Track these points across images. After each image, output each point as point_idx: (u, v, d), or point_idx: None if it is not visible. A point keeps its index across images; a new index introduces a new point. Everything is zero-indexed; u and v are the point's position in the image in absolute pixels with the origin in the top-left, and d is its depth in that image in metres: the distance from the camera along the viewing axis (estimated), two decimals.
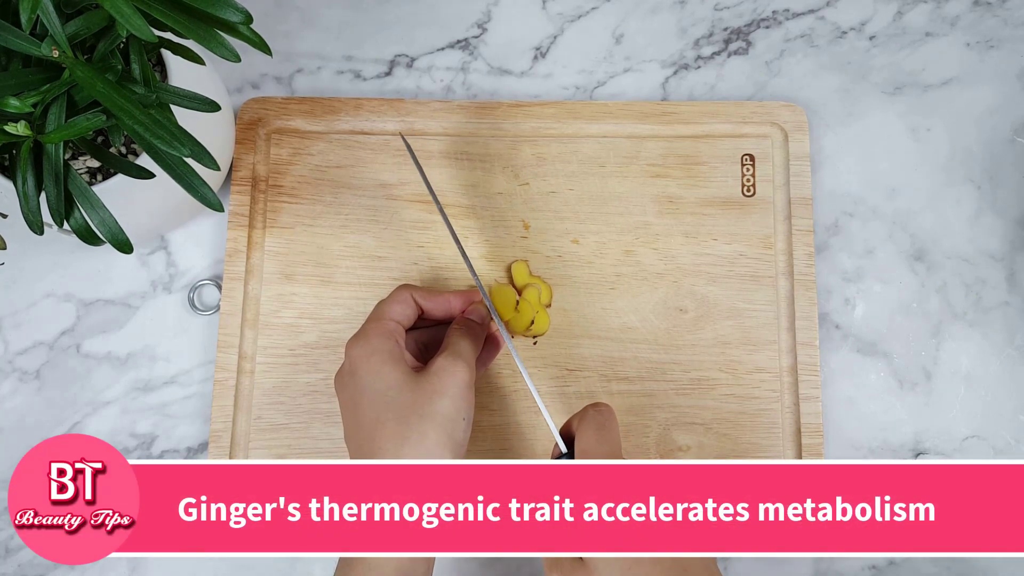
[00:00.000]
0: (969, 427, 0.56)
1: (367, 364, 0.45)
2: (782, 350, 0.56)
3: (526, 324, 0.55)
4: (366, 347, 0.46)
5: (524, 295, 0.55)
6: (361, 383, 0.45)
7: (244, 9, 0.38)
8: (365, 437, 0.44)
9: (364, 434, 0.44)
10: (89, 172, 0.48)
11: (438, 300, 0.50)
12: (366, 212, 0.58)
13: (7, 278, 0.57)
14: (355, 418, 0.45)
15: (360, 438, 0.45)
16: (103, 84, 0.38)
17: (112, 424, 0.56)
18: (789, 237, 0.57)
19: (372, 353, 0.46)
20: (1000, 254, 0.58)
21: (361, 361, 0.46)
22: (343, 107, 0.59)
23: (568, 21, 0.62)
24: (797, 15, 0.62)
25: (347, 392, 0.46)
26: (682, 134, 0.59)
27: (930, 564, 0.55)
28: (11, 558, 0.54)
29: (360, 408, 0.45)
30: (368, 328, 0.47)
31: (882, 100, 0.61)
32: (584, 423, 0.44)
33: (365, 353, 0.46)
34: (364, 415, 0.45)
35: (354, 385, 0.46)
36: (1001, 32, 0.62)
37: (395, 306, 0.48)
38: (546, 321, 0.56)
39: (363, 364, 0.45)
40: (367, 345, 0.46)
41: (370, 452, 0.44)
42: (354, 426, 0.46)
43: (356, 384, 0.46)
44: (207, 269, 0.58)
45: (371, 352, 0.46)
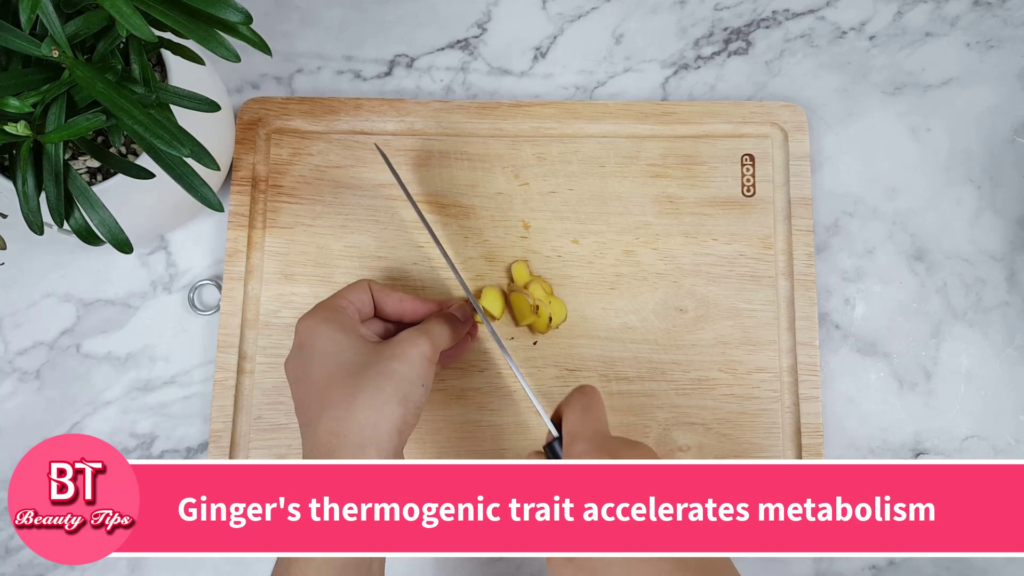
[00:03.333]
0: (969, 427, 0.56)
1: (317, 332, 0.45)
2: (782, 350, 0.56)
3: (545, 321, 0.55)
4: (315, 318, 0.46)
5: (530, 291, 0.55)
6: (311, 351, 0.45)
7: (244, 9, 0.38)
8: (314, 397, 0.43)
9: (313, 395, 0.44)
10: (89, 172, 0.48)
11: (392, 297, 0.50)
12: (366, 212, 0.58)
13: (7, 278, 0.57)
14: (304, 385, 0.44)
15: (309, 400, 0.44)
16: (103, 84, 0.38)
17: (112, 424, 0.56)
18: (789, 237, 0.57)
19: (322, 322, 0.45)
20: (1000, 254, 0.58)
21: (310, 331, 0.45)
22: (343, 107, 0.59)
23: (568, 21, 0.62)
24: (797, 15, 0.62)
25: (296, 365, 0.45)
26: (682, 134, 0.59)
27: (930, 564, 0.55)
28: (11, 558, 0.54)
29: (310, 374, 0.44)
30: (316, 308, 0.47)
31: (882, 100, 0.61)
32: (570, 406, 0.44)
33: (314, 323, 0.46)
34: (314, 378, 0.44)
35: (303, 356, 0.45)
36: (1001, 32, 0.62)
37: (351, 291, 0.48)
38: (562, 308, 0.56)
39: (312, 333, 0.45)
40: (316, 317, 0.46)
41: (319, 409, 0.43)
42: (303, 392, 0.45)
43: (305, 354, 0.45)
44: (207, 269, 0.58)
45: (320, 321, 0.45)
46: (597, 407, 0.44)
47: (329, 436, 0.42)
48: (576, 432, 0.43)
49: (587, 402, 0.44)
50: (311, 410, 0.44)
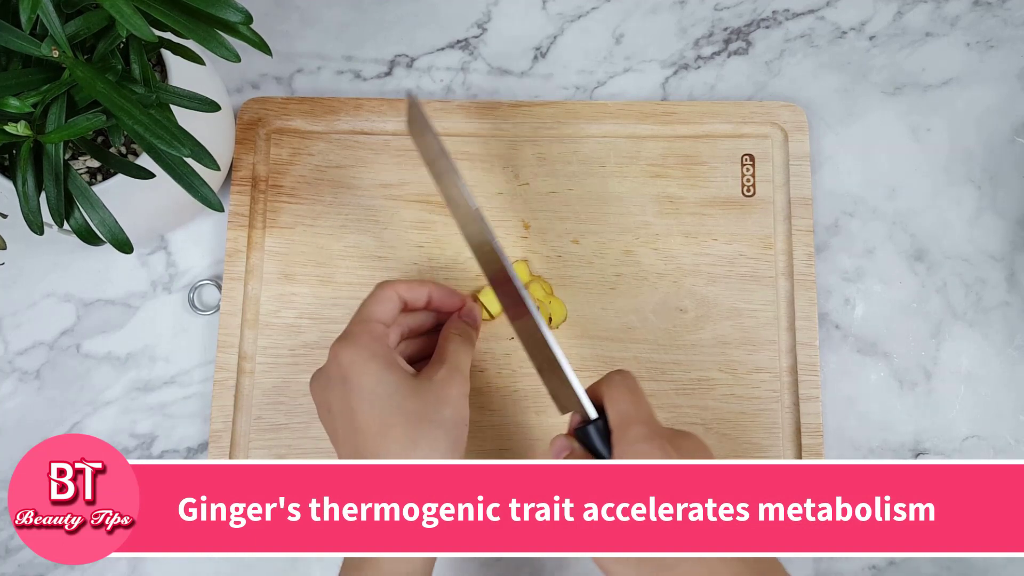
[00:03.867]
0: (969, 427, 0.56)
1: (364, 369, 0.45)
2: (782, 350, 0.56)
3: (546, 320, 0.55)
4: (360, 352, 0.45)
5: (529, 291, 0.55)
6: (358, 388, 0.44)
7: (244, 9, 0.38)
8: (368, 442, 0.44)
9: (366, 439, 0.44)
10: (89, 172, 0.48)
11: (419, 293, 0.50)
12: (366, 212, 0.58)
13: (7, 278, 0.57)
14: (351, 423, 0.45)
15: (360, 443, 0.44)
16: (103, 84, 0.38)
17: (112, 424, 0.56)
18: (789, 237, 0.57)
19: (369, 359, 0.45)
20: (1000, 254, 0.58)
21: (356, 366, 0.45)
22: (343, 107, 0.59)
23: (568, 21, 0.62)
24: (797, 15, 0.62)
25: (336, 396, 0.45)
26: (682, 134, 0.59)
27: (930, 564, 0.55)
28: (11, 558, 0.54)
29: (358, 413, 0.44)
30: (356, 331, 0.46)
31: (882, 100, 0.61)
32: (613, 387, 0.43)
33: (360, 358, 0.45)
34: (365, 420, 0.44)
35: (347, 390, 0.45)
36: (1001, 32, 0.62)
37: (379, 306, 0.48)
38: (562, 308, 0.56)
39: (358, 369, 0.45)
40: (361, 350, 0.45)
41: (373, 452, 0.43)
42: (349, 431, 0.45)
43: (350, 389, 0.45)
44: (207, 269, 0.58)
45: (367, 357, 0.45)
46: (641, 390, 0.44)
47: None
48: (630, 414, 0.42)
49: (632, 385, 0.44)
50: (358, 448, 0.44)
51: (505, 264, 0.46)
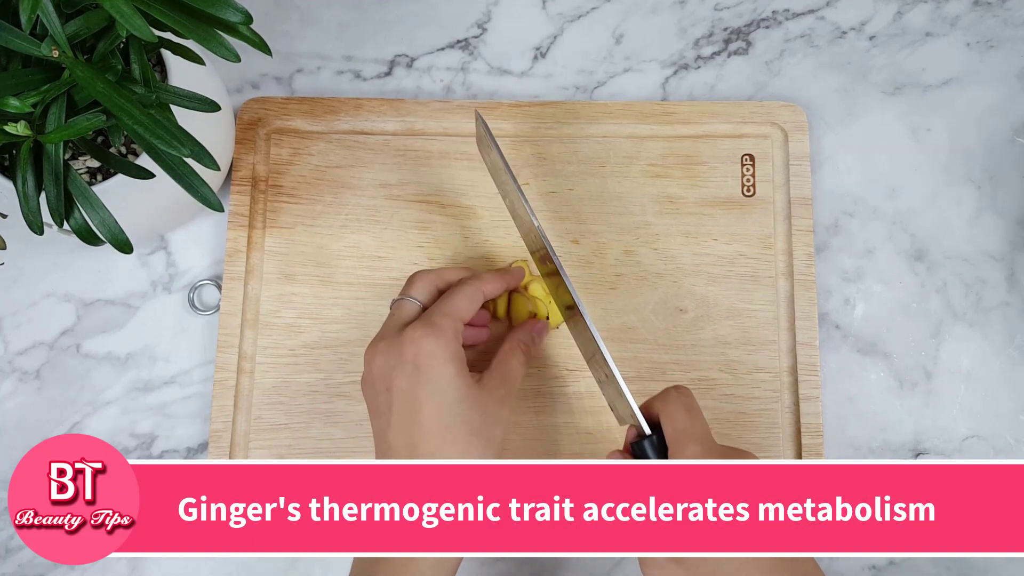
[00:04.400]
0: (969, 427, 0.56)
1: (442, 367, 0.44)
2: (782, 350, 0.56)
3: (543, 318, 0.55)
4: (443, 348, 0.45)
5: (530, 292, 0.55)
6: (429, 383, 0.44)
7: (244, 9, 0.38)
8: (426, 439, 0.44)
9: (425, 436, 0.44)
10: (89, 172, 0.48)
11: (499, 287, 0.50)
12: (366, 212, 0.58)
13: (7, 278, 0.57)
14: (413, 413, 0.44)
15: (418, 437, 0.44)
16: (103, 84, 0.38)
17: (112, 424, 0.56)
18: (789, 237, 0.57)
19: (448, 359, 0.45)
20: (1000, 254, 0.58)
21: (435, 361, 0.44)
22: (343, 107, 0.59)
23: (568, 21, 0.62)
24: (797, 15, 0.62)
25: (405, 380, 0.45)
26: (682, 134, 0.59)
27: (930, 564, 0.55)
28: (11, 558, 0.54)
29: (425, 408, 0.44)
30: (443, 325, 0.45)
31: (882, 100, 0.61)
32: (670, 404, 0.44)
33: (441, 355, 0.45)
34: (429, 418, 0.44)
35: (419, 380, 0.44)
36: (1001, 32, 0.62)
37: (467, 304, 0.47)
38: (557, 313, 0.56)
39: (437, 365, 0.44)
40: (444, 347, 0.45)
41: (428, 453, 0.44)
42: (409, 420, 0.44)
43: (423, 381, 0.44)
44: (207, 269, 0.58)
45: (447, 357, 0.45)
46: (698, 409, 0.44)
47: None
48: (687, 432, 0.42)
49: (689, 402, 0.44)
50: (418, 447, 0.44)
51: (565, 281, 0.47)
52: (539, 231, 0.48)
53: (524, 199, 0.49)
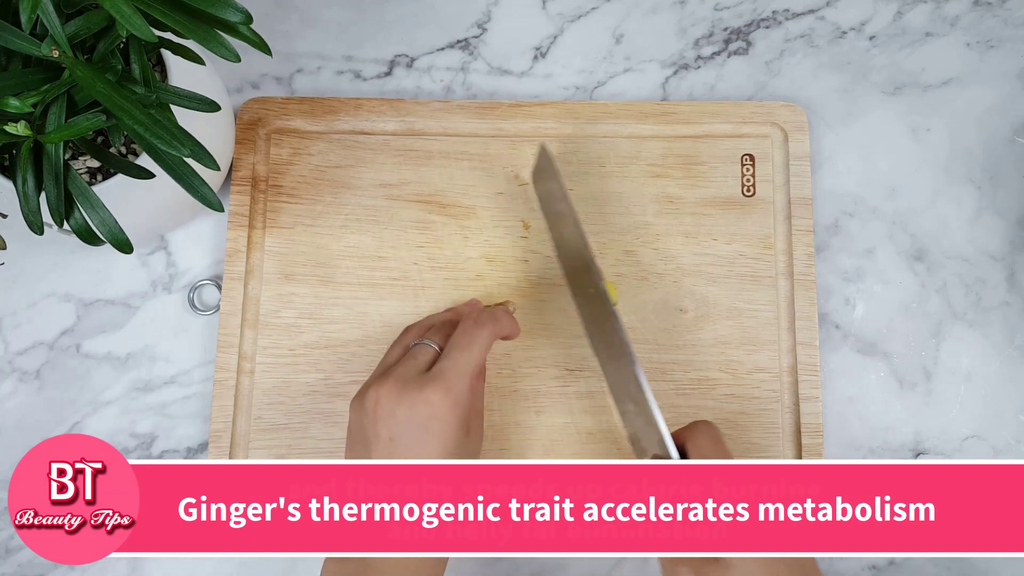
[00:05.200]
0: (969, 427, 0.56)
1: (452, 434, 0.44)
2: (782, 350, 0.56)
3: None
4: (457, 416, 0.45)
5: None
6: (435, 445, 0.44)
7: (244, 9, 0.38)
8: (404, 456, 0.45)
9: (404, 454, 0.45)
10: (89, 172, 0.48)
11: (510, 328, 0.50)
12: (366, 212, 0.58)
13: (7, 278, 0.57)
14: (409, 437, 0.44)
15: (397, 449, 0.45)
16: (103, 84, 0.38)
17: (112, 424, 0.56)
18: (789, 237, 0.57)
19: (459, 426, 0.45)
20: (1000, 254, 0.58)
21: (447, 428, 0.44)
22: (343, 107, 0.59)
23: (568, 21, 0.62)
24: (797, 15, 0.62)
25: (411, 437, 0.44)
26: (682, 134, 0.59)
27: (930, 564, 0.55)
28: (11, 558, 0.54)
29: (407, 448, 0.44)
30: (462, 390, 0.45)
31: (882, 100, 0.61)
32: (699, 435, 0.44)
33: (454, 423, 0.44)
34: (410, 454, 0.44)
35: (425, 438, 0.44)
36: (1001, 32, 0.62)
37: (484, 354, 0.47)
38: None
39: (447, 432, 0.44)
40: (458, 416, 0.45)
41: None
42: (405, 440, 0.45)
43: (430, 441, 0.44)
44: (207, 269, 0.58)
45: (458, 424, 0.45)
46: (723, 442, 0.45)
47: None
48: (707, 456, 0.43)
49: (716, 435, 0.45)
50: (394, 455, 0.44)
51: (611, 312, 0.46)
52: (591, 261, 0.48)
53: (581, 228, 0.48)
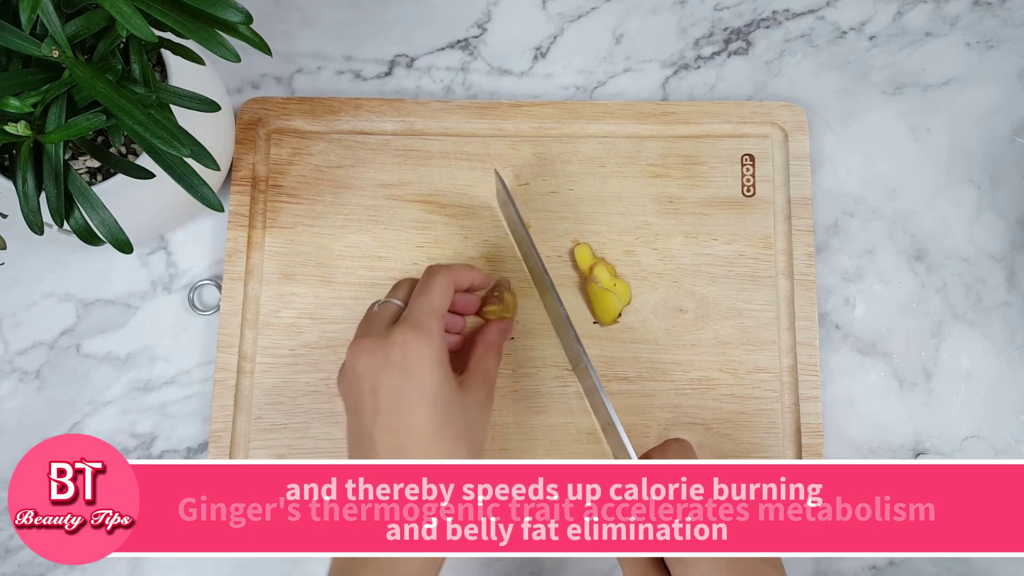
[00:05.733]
0: (969, 427, 0.56)
1: (431, 370, 0.44)
2: (782, 350, 0.56)
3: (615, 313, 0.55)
4: (431, 351, 0.44)
5: (595, 275, 0.54)
6: (419, 386, 0.44)
7: (244, 9, 0.38)
8: (414, 442, 0.44)
9: (414, 437, 0.44)
10: (89, 172, 0.48)
11: (467, 278, 0.50)
12: (366, 212, 0.58)
13: (7, 278, 0.57)
14: (400, 417, 0.44)
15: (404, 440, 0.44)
16: (103, 84, 0.38)
17: (112, 424, 0.56)
18: (789, 237, 0.57)
19: (436, 362, 0.44)
20: (1000, 254, 0.58)
21: (424, 364, 0.44)
22: (343, 107, 0.59)
23: (568, 21, 0.62)
24: (797, 15, 0.62)
25: (392, 383, 0.44)
26: (682, 134, 0.59)
27: (930, 564, 0.55)
28: (11, 558, 0.54)
29: (415, 412, 0.44)
30: (429, 326, 0.45)
31: (882, 100, 0.61)
32: (668, 454, 0.45)
33: (429, 358, 0.44)
34: (418, 419, 0.44)
35: (407, 384, 0.44)
36: (1001, 32, 0.62)
37: (443, 298, 0.47)
38: (627, 291, 0.56)
39: (426, 368, 0.44)
40: (432, 350, 0.44)
41: (416, 456, 0.43)
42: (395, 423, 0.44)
43: (412, 385, 0.44)
44: (207, 269, 0.58)
45: (435, 360, 0.44)
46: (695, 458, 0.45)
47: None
48: None
49: (685, 454, 0.45)
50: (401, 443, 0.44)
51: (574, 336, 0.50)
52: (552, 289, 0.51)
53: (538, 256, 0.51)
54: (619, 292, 0.55)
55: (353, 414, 0.46)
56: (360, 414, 0.45)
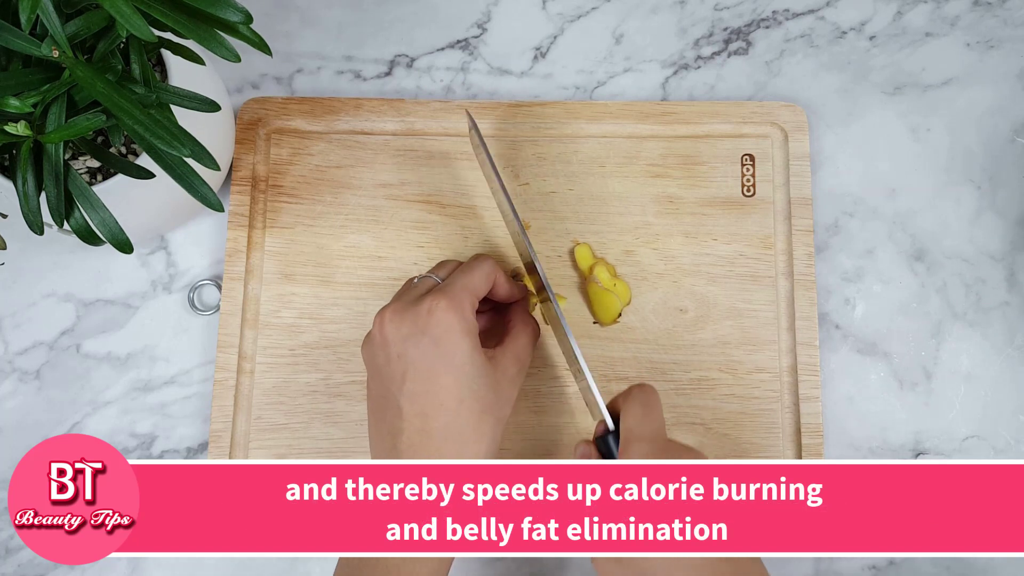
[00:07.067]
0: (969, 427, 0.56)
1: (460, 341, 0.44)
2: (782, 350, 0.56)
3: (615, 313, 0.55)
4: (461, 322, 0.44)
5: (595, 275, 0.55)
6: (448, 356, 0.44)
7: (244, 9, 0.38)
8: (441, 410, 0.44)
9: (440, 407, 0.44)
10: (89, 172, 0.48)
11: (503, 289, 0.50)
12: (366, 212, 0.58)
13: (7, 278, 0.57)
14: (428, 385, 0.44)
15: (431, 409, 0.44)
16: (103, 84, 0.38)
17: (112, 424, 0.56)
18: (789, 237, 0.57)
19: (465, 332, 0.44)
20: (1000, 254, 0.58)
21: (453, 334, 0.44)
22: (343, 107, 0.59)
23: (568, 21, 0.62)
24: (797, 15, 0.62)
25: (421, 351, 0.44)
26: (682, 134, 0.59)
27: (930, 564, 0.55)
28: (11, 558, 0.54)
29: (441, 381, 0.44)
30: (462, 297, 0.45)
31: (882, 100, 0.61)
32: (629, 401, 0.44)
33: (459, 328, 0.44)
34: (445, 389, 0.44)
35: (437, 353, 0.44)
36: (1001, 32, 0.62)
37: (482, 280, 0.47)
38: (627, 291, 0.56)
39: (455, 338, 0.44)
40: (462, 321, 0.44)
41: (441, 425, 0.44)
42: (423, 391, 0.44)
43: (441, 354, 0.44)
44: (207, 269, 0.58)
45: (465, 331, 0.44)
46: (656, 407, 0.44)
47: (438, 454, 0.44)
48: (635, 431, 0.43)
49: (646, 399, 0.44)
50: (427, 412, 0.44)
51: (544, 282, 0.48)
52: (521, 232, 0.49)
53: (508, 199, 0.50)
54: (619, 292, 0.55)
55: (376, 380, 0.46)
56: (386, 381, 0.45)
